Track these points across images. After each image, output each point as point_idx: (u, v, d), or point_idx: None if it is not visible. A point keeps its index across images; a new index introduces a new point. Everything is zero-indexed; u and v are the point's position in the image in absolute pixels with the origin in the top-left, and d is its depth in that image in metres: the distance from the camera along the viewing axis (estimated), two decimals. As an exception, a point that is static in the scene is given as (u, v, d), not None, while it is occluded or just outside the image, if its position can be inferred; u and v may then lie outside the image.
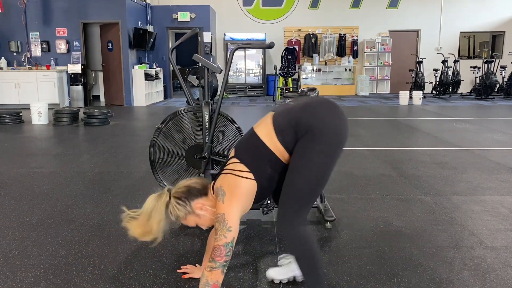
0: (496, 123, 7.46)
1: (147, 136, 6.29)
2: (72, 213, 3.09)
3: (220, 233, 1.67)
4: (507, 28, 13.94)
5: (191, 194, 1.81)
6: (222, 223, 1.68)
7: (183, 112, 2.92)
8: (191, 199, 1.80)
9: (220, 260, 1.66)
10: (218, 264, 1.66)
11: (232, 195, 1.71)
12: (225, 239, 1.66)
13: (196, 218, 1.82)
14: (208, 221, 1.84)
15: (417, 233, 2.71)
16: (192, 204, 1.79)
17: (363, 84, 13.25)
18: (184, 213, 1.79)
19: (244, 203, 1.74)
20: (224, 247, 1.66)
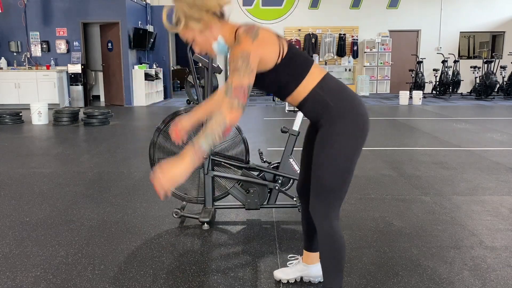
0: (496, 123, 7.45)
1: (147, 136, 6.29)
2: (72, 213, 3.09)
3: (244, 72, 1.50)
4: (507, 28, 13.94)
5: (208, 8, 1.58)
6: (246, 63, 1.51)
7: (183, 112, 2.92)
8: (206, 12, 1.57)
9: (243, 99, 1.49)
10: (240, 104, 1.49)
11: (265, 44, 1.58)
12: (248, 79, 1.50)
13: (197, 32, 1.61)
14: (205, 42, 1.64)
15: (417, 233, 2.71)
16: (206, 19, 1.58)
17: (363, 84, 13.24)
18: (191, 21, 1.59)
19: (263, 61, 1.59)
20: (247, 88, 1.51)
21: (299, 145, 5.39)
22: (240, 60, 1.52)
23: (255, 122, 7.75)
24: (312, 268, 2.08)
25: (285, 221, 2.95)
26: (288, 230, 2.78)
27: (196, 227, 2.83)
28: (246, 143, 2.92)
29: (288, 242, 2.59)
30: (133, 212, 3.11)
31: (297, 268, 2.12)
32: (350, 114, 1.64)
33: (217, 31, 1.63)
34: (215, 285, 2.10)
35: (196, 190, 2.98)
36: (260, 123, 7.69)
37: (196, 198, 2.99)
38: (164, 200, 3.19)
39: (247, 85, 1.50)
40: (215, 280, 2.14)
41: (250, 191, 2.85)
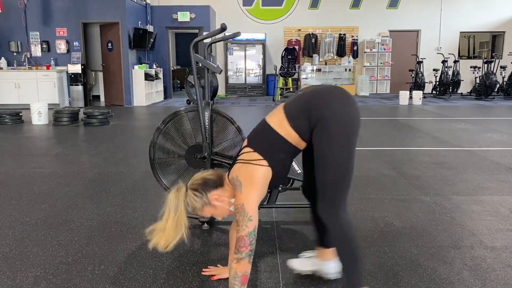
0: (496, 123, 7.45)
1: (147, 136, 6.29)
2: (72, 213, 3.09)
3: (242, 223, 1.72)
4: (507, 28, 13.94)
5: (207, 185, 1.84)
6: (242, 214, 1.72)
7: (183, 112, 2.92)
8: (208, 191, 1.84)
9: (245, 250, 1.71)
10: (244, 255, 1.71)
11: (248, 184, 1.75)
12: (247, 228, 1.71)
13: (212, 209, 1.86)
14: (224, 211, 1.87)
15: (417, 233, 2.71)
16: (208, 196, 1.83)
17: (363, 84, 13.24)
18: (201, 204, 1.84)
19: (261, 190, 1.78)
20: (247, 237, 1.71)
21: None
22: (237, 214, 1.74)
23: (255, 122, 7.73)
24: (325, 264, 2.10)
25: (285, 221, 2.95)
26: (288, 230, 2.78)
27: (196, 227, 2.83)
28: (246, 143, 2.91)
29: (288, 242, 2.59)
30: (133, 212, 3.11)
31: (312, 262, 2.15)
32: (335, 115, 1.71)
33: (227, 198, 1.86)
34: (215, 285, 2.10)
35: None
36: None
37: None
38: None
39: (246, 235, 1.71)
40: (215, 280, 2.14)
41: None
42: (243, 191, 1.75)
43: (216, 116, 2.90)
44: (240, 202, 1.74)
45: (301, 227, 2.84)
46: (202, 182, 1.85)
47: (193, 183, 1.86)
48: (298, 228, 2.82)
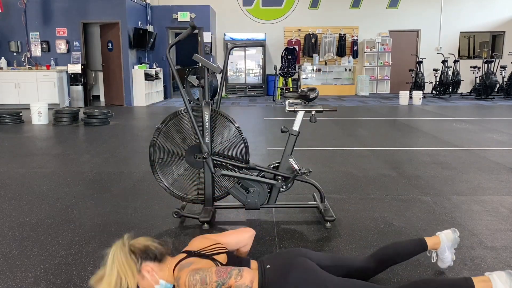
0: (496, 123, 7.46)
1: (147, 136, 6.29)
2: (72, 213, 3.09)
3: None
4: (507, 28, 13.94)
5: (146, 254, 1.77)
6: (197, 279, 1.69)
7: (183, 112, 2.92)
8: (144, 260, 1.76)
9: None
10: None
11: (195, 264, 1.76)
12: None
13: (139, 278, 1.76)
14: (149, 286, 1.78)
15: (417, 233, 2.71)
16: (142, 265, 1.75)
17: (363, 84, 13.24)
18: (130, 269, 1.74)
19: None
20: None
21: (299, 145, 5.39)
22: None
23: (255, 122, 7.75)
24: None
25: (285, 221, 2.95)
26: (288, 230, 2.78)
27: (196, 227, 2.83)
28: (246, 143, 2.92)
29: (288, 242, 2.59)
30: (133, 212, 3.11)
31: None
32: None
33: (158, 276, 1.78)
34: (215, 285, 2.10)
35: (196, 190, 2.98)
36: (260, 123, 7.69)
37: (196, 198, 2.99)
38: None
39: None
40: (215, 280, 2.14)
41: (250, 191, 2.85)
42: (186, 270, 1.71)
43: (216, 116, 2.90)
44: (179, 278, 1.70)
45: (301, 227, 2.84)
46: (144, 249, 1.78)
47: (135, 245, 1.78)
48: (298, 228, 2.82)
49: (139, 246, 1.78)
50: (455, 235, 2.18)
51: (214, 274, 1.68)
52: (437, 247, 2.15)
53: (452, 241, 2.16)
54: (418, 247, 2.12)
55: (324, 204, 2.98)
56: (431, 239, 2.15)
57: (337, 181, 3.88)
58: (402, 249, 2.09)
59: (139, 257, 1.76)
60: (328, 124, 7.44)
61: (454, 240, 2.16)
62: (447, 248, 2.15)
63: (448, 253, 2.15)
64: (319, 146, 5.49)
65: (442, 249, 2.15)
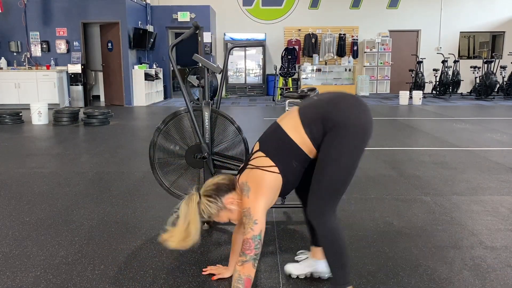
0: (496, 123, 7.45)
1: (147, 136, 6.29)
2: (72, 213, 3.09)
3: (248, 226, 1.72)
4: (507, 28, 13.94)
5: (220, 190, 1.84)
6: (248, 217, 1.73)
7: (183, 112, 2.92)
8: (221, 195, 1.84)
9: (250, 253, 1.70)
10: (248, 258, 1.70)
11: (257, 189, 1.75)
12: (252, 231, 1.71)
13: (228, 213, 1.86)
14: (240, 214, 1.86)
15: (417, 233, 2.71)
16: (223, 200, 1.83)
17: (363, 84, 13.24)
18: (216, 210, 1.84)
19: (269, 196, 1.77)
20: (252, 240, 1.70)
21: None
22: (244, 218, 1.75)
23: (255, 122, 7.75)
24: (320, 263, 2.10)
25: (285, 221, 2.95)
26: (288, 230, 2.78)
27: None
28: (246, 143, 2.92)
29: (288, 242, 2.59)
30: (133, 212, 3.11)
31: (306, 263, 2.15)
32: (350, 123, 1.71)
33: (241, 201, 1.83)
34: (215, 285, 2.10)
35: (196, 190, 2.98)
36: (260, 123, 7.69)
37: (196, 198, 2.98)
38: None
39: (251, 239, 1.71)
40: (215, 280, 2.14)
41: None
42: (250, 196, 1.75)
43: (216, 116, 2.90)
44: (246, 206, 1.74)
45: (301, 227, 2.84)
46: (215, 187, 1.85)
47: (206, 189, 1.86)
48: (298, 228, 2.82)
49: (211, 188, 1.86)
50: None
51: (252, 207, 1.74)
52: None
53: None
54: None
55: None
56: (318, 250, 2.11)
57: (337, 181, 3.87)
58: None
59: (216, 196, 1.83)
60: (328, 124, 7.43)
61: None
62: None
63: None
64: (319, 146, 5.48)
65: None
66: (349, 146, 1.70)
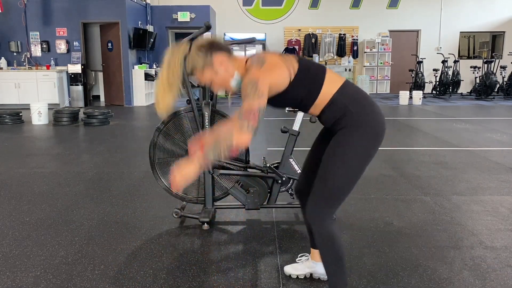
0: (496, 123, 7.45)
1: (147, 136, 6.29)
2: (72, 213, 3.09)
3: (253, 96, 1.53)
4: (507, 28, 13.94)
5: (214, 47, 1.67)
6: (254, 88, 1.55)
7: (183, 112, 2.92)
8: (214, 51, 1.66)
9: (254, 123, 1.52)
10: (249, 127, 1.51)
11: (272, 69, 1.62)
12: (258, 103, 1.53)
13: (212, 73, 1.67)
14: (224, 81, 1.69)
15: (417, 233, 2.71)
16: (213, 56, 1.65)
17: (363, 84, 13.23)
18: (202, 64, 1.66)
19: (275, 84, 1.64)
20: (258, 111, 1.53)
21: (299, 145, 5.39)
22: (249, 86, 1.55)
23: (255, 122, 7.74)
24: (320, 265, 2.09)
25: (285, 221, 2.95)
26: (288, 230, 2.78)
27: (196, 227, 2.83)
28: (246, 143, 2.92)
29: (288, 242, 2.59)
30: (133, 212, 3.11)
31: (306, 264, 2.14)
32: (369, 122, 1.66)
33: (232, 68, 1.68)
34: (215, 285, 2.10)
35: (196, 190, 2.98)
36: (260, 123, 7.68)
37: (196, 198, 2.99)
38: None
39: (257, 108, 1.52)
40: (215, 280, 2.14)
41: (250, 191, 2.85)
42: (263, 70, 1.59)
43: (216, 116, 2.90)
44: (255, 77, 1.57)
45: (301, 227, 2.84)
46: (210, 42, 1.68)
47: (200, 41, 1.68)
48: (298, 228, 2.82)
49: (206, 41, 1.68)
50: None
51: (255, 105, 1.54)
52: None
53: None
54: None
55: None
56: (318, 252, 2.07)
57: (337, 181, 3.87)
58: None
59: (208, 50, 1.66)
60: (328, 124, 7.43)
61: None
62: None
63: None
64: (319, 146, 5.48)
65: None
66: (360, 148, 1.64)
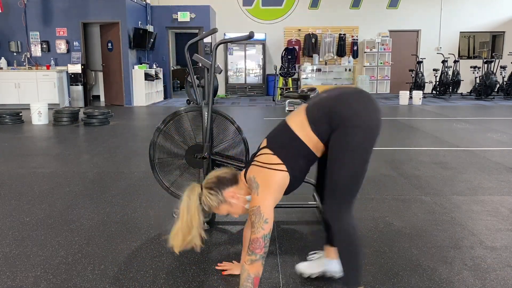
0: (496, 123, 7.45)
1: (147, 136, 6.29)
2: (72, 213, 3.09)
3: (258, 225, 1.71)
4: (507, 28, 13.94)
5: (221, 183, 1.86)
6: (258, 216, 1.71)
7: (183, 112, 2.92)
8: (223, 188, 1.85)
9: (260, 252, 1.71)
10: (258, 257, 1.71)
11: (266, 187, 1.75)
12: (263, 231, 1.70)
13: (228, 206, 1.87)
14: (240, 209, 1.88)
15: (417, 233, 2.71)
16: (223, 193, 1.85)
17: (363, 84, 13.24)
18: (216, 202, 1.85)
19: (278, 195, 1.79)
20: (263, 239, 1.70)
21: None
22: (253, 215, 1.72)
23: (255, 122, 7.75)
24: (333, 262, 2.09)
25: (285, 221, 2.95)
26: (288, 230, 2.78)
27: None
28: (246, 143, 2.92)
29: (288, 242, 2.59)
30: (133, 212, 3.11)
31: (319, 262, 2.14)
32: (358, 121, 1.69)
33: (242, 196, 1.87)
34: (215, 285, 2.10)
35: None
36: (260, 123, 7.69)
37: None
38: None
39: (261, 238, 1.70)
40: (215, 280, 2.14)
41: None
42: (260, 194, 1.74)
43: (216, 116, 2.90)
44: (256, 204, 1.73)
45: (301, 227, 2.84)
46: (217, 180, 1.87)
47: (208, 181, 1.87)
48: (298, 228, 2.82)
49: (212, 180, 1.87)
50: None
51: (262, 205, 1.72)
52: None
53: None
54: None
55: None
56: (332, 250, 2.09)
57: (337, 181, 3.87)
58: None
59: (218, 189, 1.85)
60: (328, 124, 7.43)
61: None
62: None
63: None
64: (319, 146, 5.48)
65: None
66: (357, 145, 1.69)
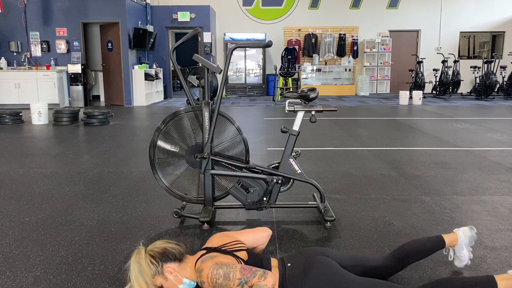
0: (496, 123, 7.45)
1: (147, 136, 6.29)
2: (72, 213, 3.09)
3: (226, 274, 1.72)
4: (507, 28, 13.94)
5: (166, 257, 1.81)
6: (216, 269, 1.72)
7: (183, 112, 2.92)
8: (165, 262, 1.79)
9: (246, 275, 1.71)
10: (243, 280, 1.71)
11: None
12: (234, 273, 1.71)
13: (163, 280, 1.80)
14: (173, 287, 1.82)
15: (417, 233, 2.71)
16: (163, 267, 1.79)
17: (363, 84, 13.24)
18: (153, 272, 1.77)
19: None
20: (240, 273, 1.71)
21: (299, 145, 5.39)
22: (212, 273, 1.72)
23: (255, 122, 7.75)
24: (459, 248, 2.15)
25: (285, 221, 2.95)
26: (288, 230, 2.78)
27: (196, 227, 2.83)
28: (246, 143, 2.92)
29: (288, 242, 2.59)
30: (133, 212, 3.11)
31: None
32: None
33: (181, 275, 1.81)
34: (215, 285, 2.10)
35: (196, 190, 2.98)
36: (260, 123, 7.69)
37: (196, 198, 2.99)
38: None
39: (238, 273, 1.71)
40: None
41: (250, 191, 2.85)
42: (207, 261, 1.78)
43: (216, 116, 2.90)
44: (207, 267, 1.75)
45: (301, 227, 2.84)
46: (163, 252, 1.81)
47: (153, 249, 1.82)
48: (298, 228, 2.82)
49: (158, 250, 1.81)
50: (472, 232, 2.18)
51: (239, 272, 1.70)
52: (454, 244, 2.14)
53: (469, 238, 2.16)
54: (436, 244, 2.10)
55: (324, 204, 2.98)
56: (449, 236, 2.14)
57: (337, 181, 3.88)
58: (420, 246, 2.07)
59: (159, 260, 1.78)
60: (328, 124, 7.44)
61: (471, 237, 2.16)
62: (465, 245, 2.14)
63: (466, 251, 2.15)
64: (319, 146, 5.49)
65: (459, 246, 2.14)
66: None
